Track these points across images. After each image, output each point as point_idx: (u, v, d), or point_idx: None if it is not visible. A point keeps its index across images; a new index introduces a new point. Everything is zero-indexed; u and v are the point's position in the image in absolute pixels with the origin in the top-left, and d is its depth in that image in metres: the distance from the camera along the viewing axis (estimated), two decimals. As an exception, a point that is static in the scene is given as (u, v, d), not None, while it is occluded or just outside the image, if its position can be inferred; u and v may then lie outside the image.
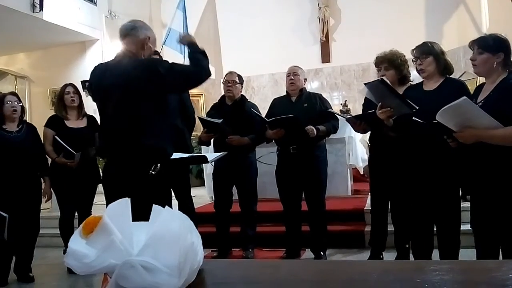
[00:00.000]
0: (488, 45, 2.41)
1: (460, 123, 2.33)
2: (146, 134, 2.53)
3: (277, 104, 3.96)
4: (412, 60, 2.91)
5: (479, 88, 2.57)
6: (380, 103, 2.89)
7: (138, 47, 2.65)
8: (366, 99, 3.50)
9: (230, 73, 4.10)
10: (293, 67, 3.90)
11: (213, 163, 4.01)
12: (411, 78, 3.40)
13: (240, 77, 4.08)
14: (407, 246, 3.34)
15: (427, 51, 2.81)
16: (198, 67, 2.60)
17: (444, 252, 2.88)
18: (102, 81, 2.64)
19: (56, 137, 3.85)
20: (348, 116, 3.73)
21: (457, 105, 2.24)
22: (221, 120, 3.70)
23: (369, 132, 3.64)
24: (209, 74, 2.64)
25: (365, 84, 2.97)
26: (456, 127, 2.36)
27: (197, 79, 2.65)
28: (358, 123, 3.39)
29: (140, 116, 2.54)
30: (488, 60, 2.40)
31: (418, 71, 2.89)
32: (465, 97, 2.24)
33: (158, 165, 2.52)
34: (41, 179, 3.92)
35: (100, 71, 2.72)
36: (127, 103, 2.53)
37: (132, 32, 2.66)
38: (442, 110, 2.30)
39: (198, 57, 2.62)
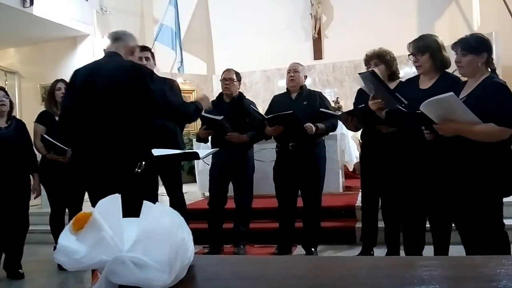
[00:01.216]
0: (471, 46, 2.43)
1: (442, 116, 2.37)
2: (128, 134, 2.56)
3: (277, 101, 3.95)
4: (408, 55, 2.88)
5: (462, 85, 2.60)
6: (372, 94, 2.91)
7: (127, 52, 2.76)
8: (357, 96, 3.53)
9: (228, 70, 4.08)
10: (294, 64, 3.89)
11: (206, 159, 3.99)
12: (400, 75, 3.42)
13: (237, 74, 4.07)
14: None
15: (423, 49, 2.80)
16: (188, 108, 2.82)
17: (438, 248, 2.90)
18: (89, 80, 2.64)
19: (45, 135, 3.81)
20: (339, 113, 3.74)
21: (443, 99, 2.28)
22: (222, 117, 3.69)
23: (361, 129, 3.65)
24: (193, 120, 3.04)
25: (359, 73, 2.99)
26: (438, 119, 2.40)
27: (183, 115, 2.88)
28: (350, 119, 3.40)
29: (123, 115, 2.55)
30: (473, 62, 2.43)
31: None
32: (452, 93, 2.28)
33: (143, 163, 2.55)
34: (30, 175, 3.89)
35: (86, 70, 2.73)
36: (111, 102, 2.55)
37: (124, 37, 2.79)
38: (427, 101, 2.34)
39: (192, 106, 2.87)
